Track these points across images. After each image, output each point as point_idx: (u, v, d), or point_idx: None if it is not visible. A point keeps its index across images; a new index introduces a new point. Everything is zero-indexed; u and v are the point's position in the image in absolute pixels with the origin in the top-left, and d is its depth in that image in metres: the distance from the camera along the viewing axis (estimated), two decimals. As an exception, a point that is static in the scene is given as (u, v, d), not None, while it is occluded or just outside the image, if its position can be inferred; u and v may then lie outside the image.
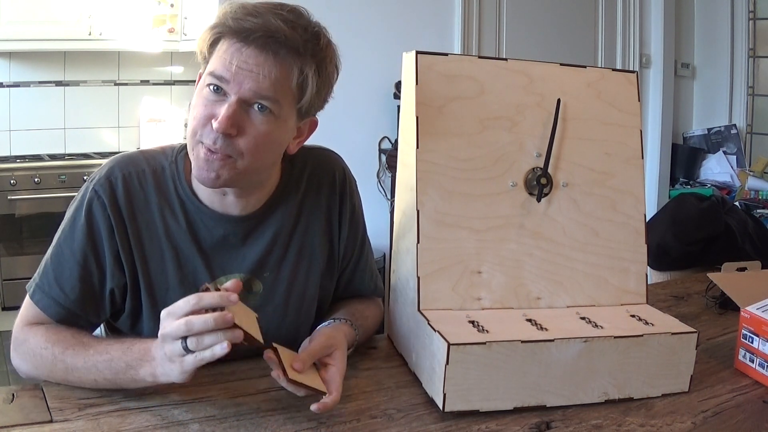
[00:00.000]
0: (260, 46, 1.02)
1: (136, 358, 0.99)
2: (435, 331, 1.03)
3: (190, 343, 0.91)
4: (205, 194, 1.14)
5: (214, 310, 0.91)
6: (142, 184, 1.13)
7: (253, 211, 1.16)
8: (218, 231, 1.15)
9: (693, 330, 1.10)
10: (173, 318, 0.93)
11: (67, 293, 1.10)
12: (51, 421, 0.94)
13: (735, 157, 4.13)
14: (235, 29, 1.02)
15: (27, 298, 1.13)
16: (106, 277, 1.11)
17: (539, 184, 1.18)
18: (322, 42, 1.07)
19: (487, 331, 1.04)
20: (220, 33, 1.04)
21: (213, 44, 1.05)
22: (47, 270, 1.11)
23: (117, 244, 1.10)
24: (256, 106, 1.03)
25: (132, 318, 1.15)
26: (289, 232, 1.20)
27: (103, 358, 1.01)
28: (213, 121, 1.02)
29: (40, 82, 4.10)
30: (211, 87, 1.03)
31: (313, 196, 1.22)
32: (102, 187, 1.10)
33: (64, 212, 1.14)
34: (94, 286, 1.11)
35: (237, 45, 1.02)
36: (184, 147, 1.16)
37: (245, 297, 1.13)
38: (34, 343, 1.07)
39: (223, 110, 1.01)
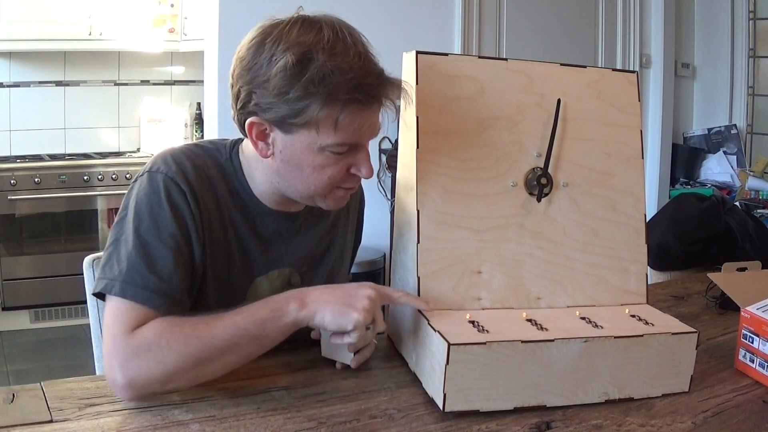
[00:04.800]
0: (377, 99, 1.06)
1: (283, 298, 1.04)
2: (435, 331, 1.03)
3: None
4: (264, 192, 1.18)
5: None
6: (208, 173, 1.16)
7: (302, 209, 1.23)
8: (273, 226, 1.20)
9: (693, 330, 1.10)
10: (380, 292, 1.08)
11: (167, 280, 1.05)
12: (51, 421, 0.94)
13: (735, 157, 4.12)
14: (362, 101, 1.04)
15: (116, 302, 1.04)
16: (195, 259, 1.11)
17: (539, 184, 1.18)
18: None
19: (487, 331, 1.04)
20: (335, 106, 1.03)
21: (319, 114, 1.03)
22: (134, 264, 1.04)
23: (197, 227, 1.11)
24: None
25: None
26: (327, 233, 1.29)
27: (242, 316, 1.01)
28: (353, 170, 1.11)
29: (40, 82, 4.10)
30: (340, 152, 1.08)
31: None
32: (177, 174, 1.10)
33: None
34: (188, 269, 1.10)
35: (362, 111, 1.05)
36: (234, 144, 1.21)
37: (283, 289, 1.16)
38: (152, 335, 0.99)
39: (363, 161, 1.11)
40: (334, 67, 1.01)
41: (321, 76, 1.01)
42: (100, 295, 1.07)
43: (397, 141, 1.21)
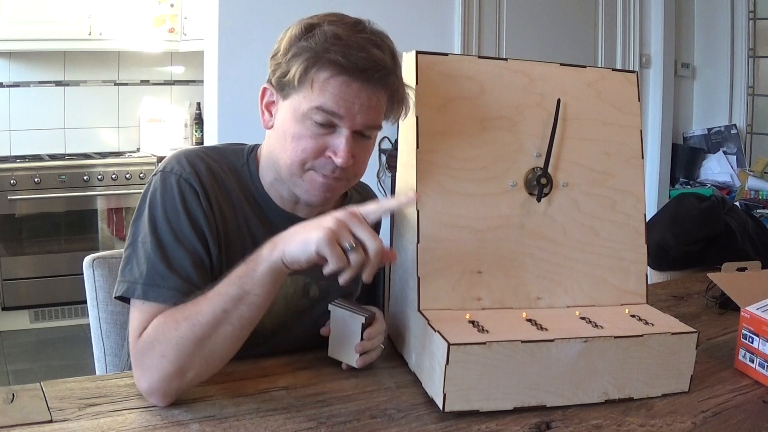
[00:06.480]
0: (367, 79, 1.05)
1: (258, 252, 1.00)
2: (435, 331, 1.03)
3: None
4: (278, 196, 1.19)
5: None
6: (223, 176, 1.16)
7: (315, 215, 1.20)
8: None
9: (693, 330, 1.10)
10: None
11: (186, 279, 1.06)
12: (51, 421, 0.94)
13: (735, 157, 4.12)
14: (345, 65, 1.03)
15: (138, 305, 1.05)
16: (212, 260, 1.11)
17: (539, 184, 1.18)
18: (398, 57, 1.12)
19: (487, 331, 1.04)
20: (318, 64, 1.05)
21: (305, 73, 1.06)
22: (154, 266, 1.05)
23: (211, 228, 1.11)
24: (363, 133, 1.10)
25: None
26: None
27: (222, 283, 0.99)
28: (329, 153, 1.08)
29: (40, 82, 4.10)
30: (318, 120, 1.07)
31: None
32: (191, 175, 1.11)
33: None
34: (206, 269, 1.10)
35: (344, 79, 1.05)
36: (252, 149, 1.22)
37: (300, 299, 1.21)
38: (152, 331, 1.00)
39: (341, 145, 1.07)
40: (332, 33, 1.05)
41: (318, 37, 1.05)
42: (124, 299, 1.07)
43: (397, 141, 1.20)
